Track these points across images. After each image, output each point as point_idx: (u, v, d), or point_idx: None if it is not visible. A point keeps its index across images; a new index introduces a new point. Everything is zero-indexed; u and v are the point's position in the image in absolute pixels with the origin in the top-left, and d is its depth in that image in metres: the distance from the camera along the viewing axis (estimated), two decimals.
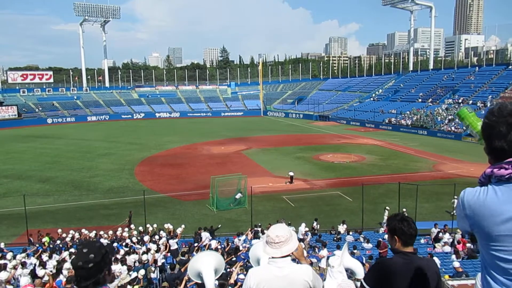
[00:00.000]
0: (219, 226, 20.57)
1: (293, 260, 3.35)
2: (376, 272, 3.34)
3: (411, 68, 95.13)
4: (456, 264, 10.79)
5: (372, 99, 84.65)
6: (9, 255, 14.41)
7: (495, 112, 1.86)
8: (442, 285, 3.30)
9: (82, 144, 52.64)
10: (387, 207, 21.68)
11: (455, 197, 22.77)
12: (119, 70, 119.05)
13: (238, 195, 26.34)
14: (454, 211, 22.69)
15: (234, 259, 13.05)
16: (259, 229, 18.65)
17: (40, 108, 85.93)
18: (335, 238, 18.01)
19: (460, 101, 65.06)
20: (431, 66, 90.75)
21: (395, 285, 3.23)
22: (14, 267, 12.53)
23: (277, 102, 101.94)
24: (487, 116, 1.90)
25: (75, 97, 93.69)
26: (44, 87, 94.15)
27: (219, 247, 15.12)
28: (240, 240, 16.79)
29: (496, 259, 1.84)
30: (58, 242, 17.87)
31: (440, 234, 17.08)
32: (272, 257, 3.21)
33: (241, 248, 15.11)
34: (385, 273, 3.27)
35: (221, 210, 25.13)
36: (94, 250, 2.41)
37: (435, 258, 12.87)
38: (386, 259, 3.60)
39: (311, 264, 12.11)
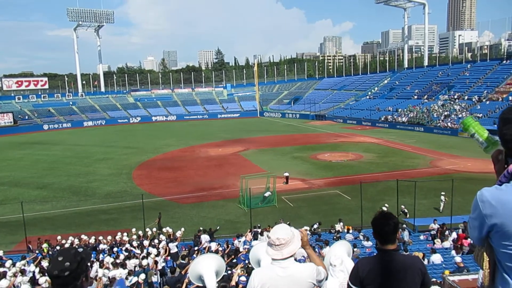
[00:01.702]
0: (218, 228, 20.55)
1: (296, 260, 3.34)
2: (357, 272, 3.36)
3: (406, 65, 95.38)
4: (458, 259, 10.80)
5: (368, 97, 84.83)
6: (8, 263, 14.34)
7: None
8: (430, 283, 3.30)
9: (79, 149, 52.47)
10: (386, 205, 21.73)
11: (443, 192, 22.94)
12: (114, 75, 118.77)
13: (267, 193, 26.44)
14: (442, 208, 22.91)
15: (234, 260, 13.03)
16: (259, 230, 18.63)
17: (36, 115, 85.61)
18: (334, 237, 18.00)
19: (455, 97, 65.27)
20: (425, 63, 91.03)
21: (378, 283, 3.24)
22: (14, 275, 12.48)
23: (273, 102, 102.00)
24: (504, 113, 1.92)
25: (71, 103, 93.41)
26: (40, 93, 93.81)
27: (219, 249, 15.09)
28: (240, 241, 16.77)
29: None
30: (58, 248, 17.78)
31: (447, 232, 16.92)
32: (274, 259, 3.21)
33: (241, 249, 15.09)
34: (365, 272, 3.29)
35: (251, 208, 25.19)
36: (69, 257, 2.39)
37: (437, 255, 12.92)
38: (367, 258, 3.63)
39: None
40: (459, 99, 64.30)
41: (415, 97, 72.98)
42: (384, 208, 20.33)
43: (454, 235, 16.19)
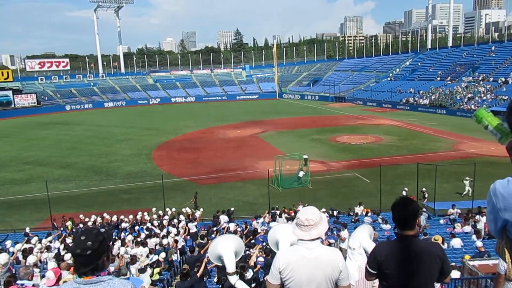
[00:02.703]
0: (232, 209, 20.59)
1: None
2: (375, 256, 3.37)
3: (429, 46, 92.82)
4: (479, 243, 10.66)
5: (389, 78, 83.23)
6: (35, 239, 14.87)
7: None
8: (449, 271, 3.28)
9: (100, 130, 53.40)
10: (406, 188, 21.51)
11: (466, 178, 22.46)
12: (134, 56, 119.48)
13: (301, 174, 26.56)
14: (465, 192, 22.48)
15: (252, 241, 13.19)
16: (277, 212, 18.74)
17: (58, 95, 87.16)
18: (353, 220, 18.00)
19: (480, 78, 63.43)
20: (450, 43, 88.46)
21: (394, 268, 3.25)
22: (40, 251, 12.93)
23: (292, 84, 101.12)
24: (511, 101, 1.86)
25: (92, 84, 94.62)
26: (61, 74, 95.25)
27: (238, 229, 15.27)
28: (258, 223, 16.93)
29: None
30: (81, 226, 18.31)
31: (478, 217, 16.29)
32: (302, 240, 3.23)
33: (259, 230, 15.25)
34: (383, 256, 3.29)
35: (285, 188, 25.56)
36: (91, 237, 2.48)
37: (457, 239, 12.80)
38: (385, 242, 3.62)
39: (330, 245, 12.17)
40: (484, 81, 62.46)
41: (438, 78, 71.24)
42: (404, 193, 20.19)
43: (484, 220, 15.79)
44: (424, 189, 21.90)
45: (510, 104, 1.88)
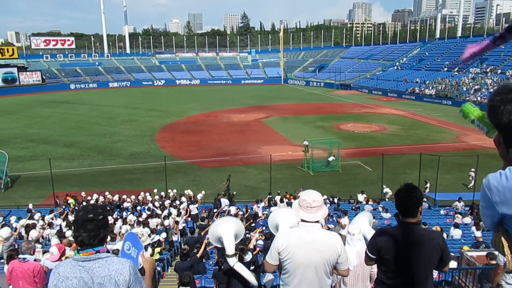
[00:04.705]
0: (235, 193, 20.64)
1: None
2: (375, 241, 3.39)
3: (438, 36, 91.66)
4: (478, 234, 10.70)
5: (395, 67, 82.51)
6: (37, 215, 15.05)
7: (497, 91, 1.83)
8: (448, 259, 3.29)
9: (104, 110, 53.43)
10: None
11: (472, 169, 22.32)
12: (139, 36, 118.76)
13: (331, 158, 26.86)
14: (471, 184, 22.37)
15: (253, 225, 13.27)
16: (279, 197, 18.79)
17: (63, 74, 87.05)
18: (353, 207, 18.06)
19: (488, 70, 62.77)
20: (459, 34, 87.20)
21: (393, 254, 3.26)
22: (42, 227, 13.08)
23: (298, 70, 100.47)
24: (490, 99, 1.84)
25: (97, 63, 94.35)
26: (66, 53, 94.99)
27: (239, 213, 15.36)
28: (259, 207, 17.02)
29: None
30: (84, 204, 18.48)
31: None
32: (305, 221, 3.25)
33: (260, 214, 15.33)
34: (383, 242, 3.31)
35: (316, 172, 25.93)
36: (99, 207, 2.66)
37: (458, 230, 12.84)
38: (386, 228, 3.63)
39: (329, 229, 12.23)
40: (492, 73, 61.83)
41: (445, 69, 70.57)
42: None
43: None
44: (427, 180, 21.83)
45: (489, 102, 1.86)
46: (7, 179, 24.26)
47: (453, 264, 8.37)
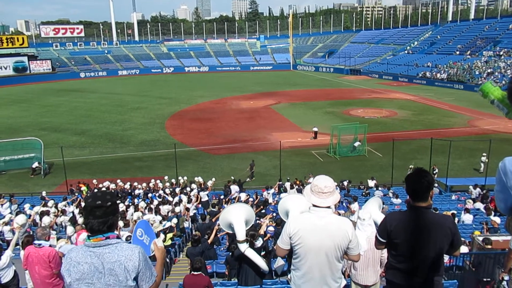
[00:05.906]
0: (245, 180, 20.76)
1: None
2: (385, 225, 3.39)
3: (450, 18, 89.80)
4: (495, 219, 10.61)
5: (406, 51, 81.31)
6: (51, 203, 15.30)
7: None
8: (459, 244, 3.28)
9: (114, 98, 53.69)
10: (411, 166, 21.26)
11: (484, 154, 22.04)
12: (148, 24, 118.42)
13: (357, 143, 27.07)
14: (482, 169, 22.12)
15: (263, 211, 13.35)
16: (289, 183, 18.81)
17: (73, 62, 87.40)
18: (363, 193, 18.04)
19: (501, 53, 61.53)
20: (472, 16, 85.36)
21: (404, 238, 3.27)
22: (55, 214, 13.32)
23: (307, 55, 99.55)
24: (511, 80, 1.81)
25: (106, 51, 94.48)
26: (76, 41, 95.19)
27: (249, 199, 15.44)
28: (269, 193, 17.08)
29: None
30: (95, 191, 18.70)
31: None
32: (316, 206, 3.26)
33: (270, 200, 15.40)
34: (393, 226, 3.31)
35: (342, 156, 26.35)
36: (108, 193, 2.71)
37: (469, 215, 12.77)
38: (396, 212, 3.62)
39: (339, 215, 12.25)
40: (505, 56, 60.61)
41: (457, 52, 69.33)
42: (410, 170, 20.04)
43: None
44: (434, 166, 21.65)
45: (509, 85, 1.82)
46: (45, 166, 24.73)
47: (464, 249, 8.34)
